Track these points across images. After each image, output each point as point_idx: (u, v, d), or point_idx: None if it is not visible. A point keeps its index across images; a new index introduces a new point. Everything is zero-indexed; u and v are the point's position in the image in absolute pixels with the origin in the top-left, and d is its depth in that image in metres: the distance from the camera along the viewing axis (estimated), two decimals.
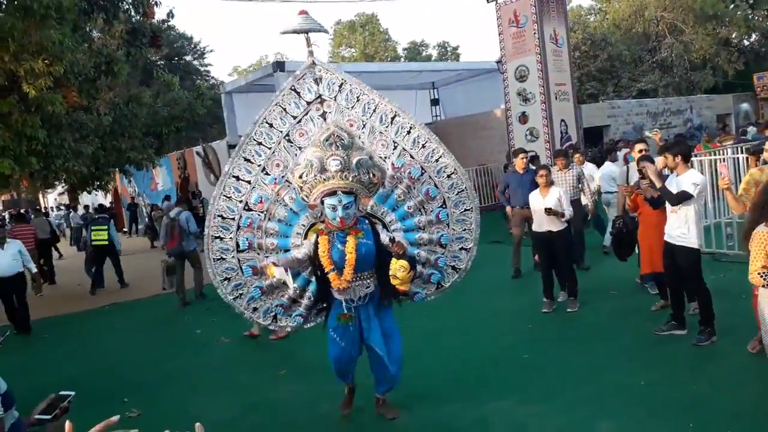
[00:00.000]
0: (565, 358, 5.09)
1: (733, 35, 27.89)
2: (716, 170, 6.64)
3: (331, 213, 3.84)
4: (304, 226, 4.26)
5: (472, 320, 6.45)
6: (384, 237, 4.06)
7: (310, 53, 4.30)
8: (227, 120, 16.20)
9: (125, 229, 22.74)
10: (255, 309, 4.37)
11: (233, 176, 4.28)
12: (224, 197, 4.28)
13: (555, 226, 6.33)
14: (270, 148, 4.27)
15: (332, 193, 3.80)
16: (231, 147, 15.95)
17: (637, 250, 6.22)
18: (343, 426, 4.32)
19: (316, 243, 3.98)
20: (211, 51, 41.54)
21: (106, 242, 11.17)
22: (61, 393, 2.07)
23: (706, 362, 4.65)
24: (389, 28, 42.30)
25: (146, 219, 21.32)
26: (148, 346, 7.14)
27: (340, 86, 4.30)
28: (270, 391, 5.12)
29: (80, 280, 12.09)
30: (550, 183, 6.46)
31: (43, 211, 19.72)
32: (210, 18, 79.07)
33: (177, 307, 8.93)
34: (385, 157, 4.26)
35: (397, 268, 3.82)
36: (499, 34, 14.89)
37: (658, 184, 5.12)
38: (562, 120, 14.63)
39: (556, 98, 14.40)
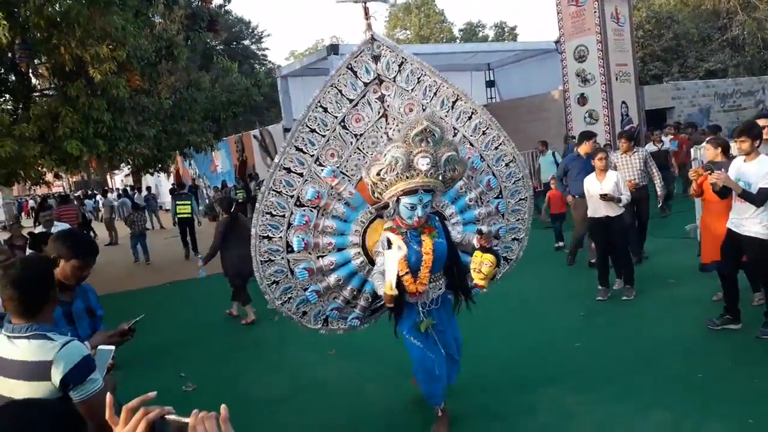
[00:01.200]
0: (618, 346, 4.97)
1: None
2: None
3: (408, 212, 3.52)
4: (362, 222, 3.96)
5: (523, 306, 6.37)
6: (455, 234, 3.86)
7: (369, 27, 3.96)
8: (282, 103, 16.44)
9: None
10: (304, 313, 4.06)
11: (284, 168, 3.85)
12: (273, 192, 3.85)
13: (612, 211, 6.15)
14: (324, 136, 3.86)
15: (413, 192, 3.47)
16: (286, 130, 16.21)
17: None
18: (389, 409, 4.36)
19: (388, 244, 3.57)
20: (269, 35, 42.17)
21: (190, 215, 12.68)
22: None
23: None
24: (445, 9, 41.78)
25: (206, 200, 21.99)
26: (204, 323, 7.38)
27: (400, 66, 3.94)
28: (319, 370, 5.22)
29: (143, 258, 12.59)
30: (608, 167, 6.27)
31: (75, 196, 20.64)
32: (267, 1, 79.96)
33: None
34: None
35: (482, 261, 3.48)
36: (558, 13, 14.47)
37: (737, 191, 4.58)
38: (623, 102, 14.14)
39: (616, 79, 13.92)
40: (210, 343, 6.45)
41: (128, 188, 29.85)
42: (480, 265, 3.48)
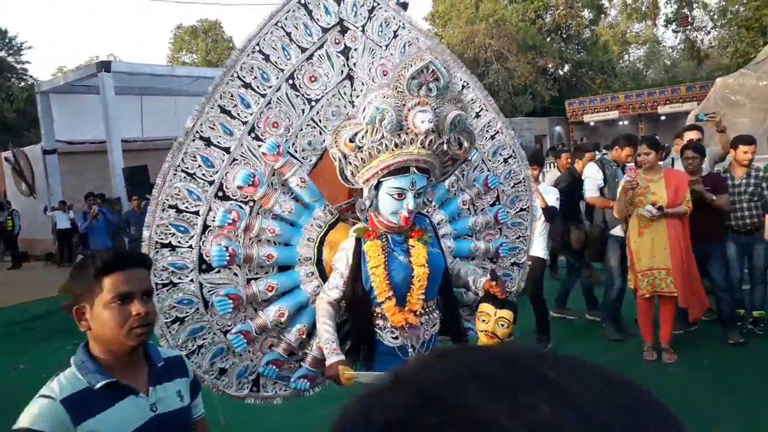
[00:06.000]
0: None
1: (550, 65, 31.07)
2: None
3: (393, 203, 2.40)
4: (319, 227, 2.70)
5: None
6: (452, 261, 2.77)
7: None
8: (43, 123, 14.67)
9: None
10: (222, 372, 2.69)
11: (201, 138, 2.55)
12: (183, 173, 2.53)
13: None
14: (264, 96, 2.66)
15: (401, 170, 2.37)
16: (46, 152, 14.51)
17: None
18: None
19: (358, 251, 2.48)
20: (30, 47, 37.36)
21: None
22: None
23: None
24: (233, 36, 41.18)
25: None
26: None
27: (371, 11, 2.89)
28: None
29: None
30: None
31: None
32: (33, 14, 71.72)
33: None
34: None
35: (496, 320, 2.45)
36: None
37: (542, 205, 4.74)
38: None
39: None
40: None
41: None
42: (493, 325, 2.45)
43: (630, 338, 5.19)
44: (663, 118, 23.36)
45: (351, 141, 2.37)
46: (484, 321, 2.47)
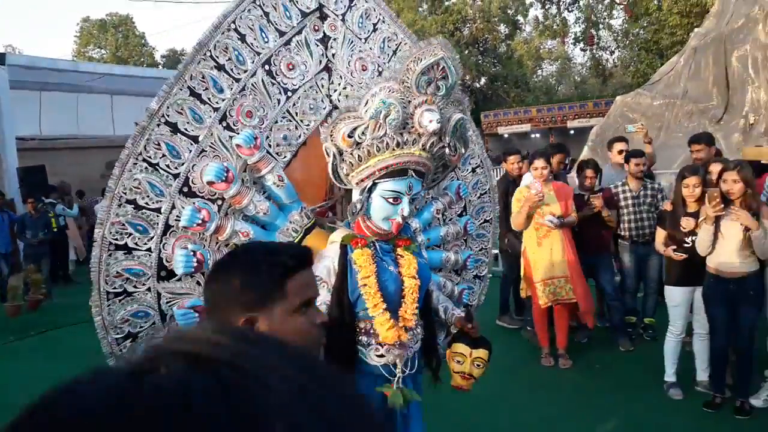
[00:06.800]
0: None
1: (467, 77, 31.93)
2: None
3: (386, 208, 2.17)
4: (295, 231, 2.42)
5: None
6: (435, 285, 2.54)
7: None
8: None
9: None
10: (133, 337, 2.40)
11: (167, 123, 2.24)
12: (145, 163, 2.21)
13: None
14: (238, 80, 2.37)
15: (399, 173, 2.16)
16: None
17: None
18: None
19: (344, 259, 2.19)
20: None
21: None
22: None
23: None
24: (146, 32, 39.70)
25: None
26: None
27: (351, 0, 2.68)
28: None
29: None
30: None
31: None
32: None
33: None
34: None
35: (471, 361, 2.31)
36: None
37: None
38: None
39: None
40: None
41: None
42: (469, 366, 2.30)
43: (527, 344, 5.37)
44: (572, 132, 24.50)
45: (350, 136, 2.13)
46: (458, 362, 2.33)
